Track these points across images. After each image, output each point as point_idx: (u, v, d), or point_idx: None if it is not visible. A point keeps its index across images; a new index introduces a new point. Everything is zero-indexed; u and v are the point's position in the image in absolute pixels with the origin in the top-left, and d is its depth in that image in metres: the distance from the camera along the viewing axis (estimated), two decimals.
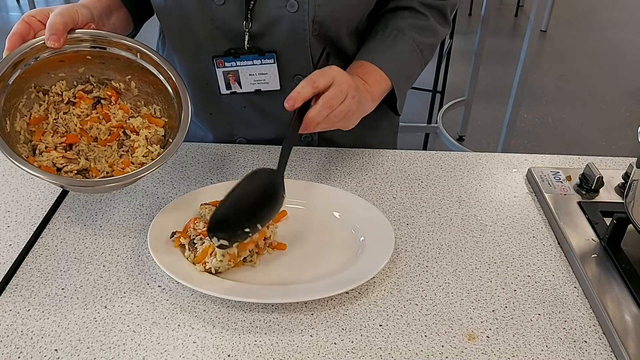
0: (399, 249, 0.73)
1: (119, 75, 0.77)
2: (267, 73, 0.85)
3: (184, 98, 0.73)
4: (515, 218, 0.80)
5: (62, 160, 0.70)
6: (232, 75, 0.85)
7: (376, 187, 0.85)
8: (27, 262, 0.69)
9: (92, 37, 0.73)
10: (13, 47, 0.69)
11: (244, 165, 0.88)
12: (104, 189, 0.72)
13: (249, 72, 0.85)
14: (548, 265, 0.72)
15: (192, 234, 0.71)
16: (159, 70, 0.75)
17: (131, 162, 0.73)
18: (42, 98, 0.74)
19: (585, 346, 0.61)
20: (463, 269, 0.71)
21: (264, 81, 0.86)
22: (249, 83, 0.86)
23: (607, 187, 0.83)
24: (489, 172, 0.89)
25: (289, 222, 0.76)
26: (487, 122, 3.02)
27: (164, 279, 0.67)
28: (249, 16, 0.80)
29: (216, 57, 0.84)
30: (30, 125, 0.73)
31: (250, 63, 0.83)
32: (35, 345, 0.59)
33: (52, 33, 0.69)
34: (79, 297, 0.65)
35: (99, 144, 0.75)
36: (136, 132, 0.76)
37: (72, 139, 0.73)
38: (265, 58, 0.83)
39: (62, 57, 0.73)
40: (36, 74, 0.73)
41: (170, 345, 0.60)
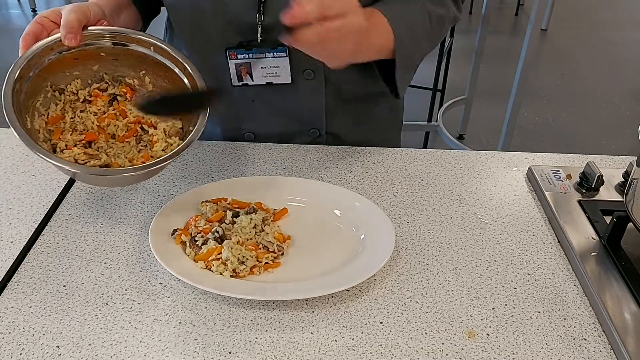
0: (399, 247, 0.73)
1: (132, 72, 0.78)
2: (279, 66, 0.85)
3: (201, 87, 0.74)
4: (516, 216, 0.80)
5: (84, 156, 0.70)
6: (244, 68, 0.85)
7: (377, 185, 0.85)
8: (29, 259, 0.70)
9: (108, 34, 0.74)
10: (27, 46, 0.69)
11: (244, 162, 0.88)
12: (129, 178, 0.70)
13: (261, 65, 0.85)
14: (548, 263, 0.72)
15: (194, 231, 0.71)
16: (175, 63, 0.75)
17: (151, 157, 0.73)
18: (58, 97, 0.75)
19: (584, 344, 0.61)
20: (463, 267, 0.71)
21: (276, 74, 0.86)
22: (260, 76, 0.86)
23: (607, 185, 0.83)
24: (489, 170, 0.90)
25: (289, 220, 0.77)
26: (487, 120, 3.03)
27: (165, 276, 0.68)
28: (262, 9, 0.80)
29: (229, 49, 0.84)
30: (48, 124, 0.73)
31: (262, 56, 0.83)
32: (37, 342, 0.59)
33: (69, 31, 0.69)
34: (81, 294, 0.65)
35: (117, 141, 0.75)
36: (154, 127, 0.76)
37: (90, 136, 0.74)
38: (277, 51, 0.83)
39: (76, 55, 0.73)
40: (52, 73, 0.73)
41: (171, 342, 0.60)
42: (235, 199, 0.78)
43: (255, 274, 0.68)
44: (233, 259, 0.67)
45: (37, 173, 0.84)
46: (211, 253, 0.68)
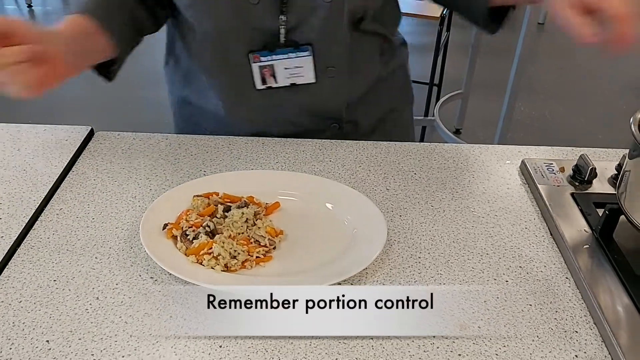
0: (391, 240, 0.73)
1: None
2: (303, 66, 0.85)
3: None
4: (508, 209, 0.80)
5: None
6: (267, 70, 0.85)
7: (369, 179, 0.85)
8: (19, 254, 0.69)
9: None
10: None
11: (237, 156, 0.88)
12: None
13: (284, 66, 0.85)
14: (540, 256, 0.72)
15: (185, 225, 0.71)
16: None
17: None
18: None
19: (576, 336, 0.61)
20: (455, 260, 0.71)
21: (299, 74, 0.86)
22: (284, 77, 0.86)
23: (600, 178, 0.83)
24: (482, 164, 0.89)
25: (281, 214, 0.76)
26: (484, 115, 3.02)
27: (156, 270, 0.67)
28: (284, 9, 0.80)
29: (252, 52, 0.84)
30: None
31: (285, 57, 0.84)
32: (27, 337, 0.59)
33: None
34: (71, 288, 0.65)
35: None
36: None
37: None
38: (300, 51, 0.83)
39: None
40: None
41: (162, 337, 0.60)
42: (226, 193, 0.77)
43: (247, 268, 0.68)
44: (225, 254, 0.67)
45: (27, 168, 0.84)
46: (202, 247, 0.68)
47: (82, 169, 0.85)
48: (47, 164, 0.85)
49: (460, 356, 0.59)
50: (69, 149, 0.88)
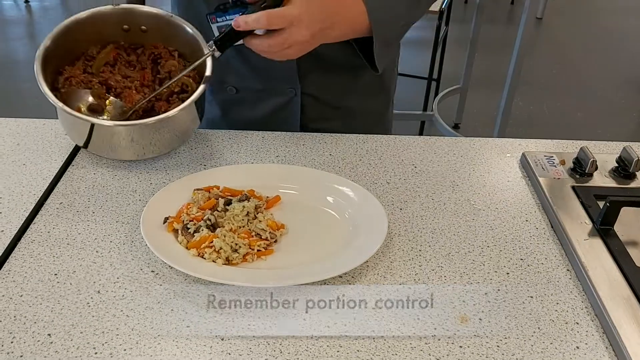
0: (392, 233, 0.73)
1: None
2: None
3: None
4: (509, 202, 0.80)
5: None
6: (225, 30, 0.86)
7: (370, 172, 0.85)
8: (20, 249, 0.69)
9: None
10: None
11: (237, 150, 0.88)
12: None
13: None
14: (541, 248, 0.72)
15: (185, 219, 0.71)
16: None
17: None
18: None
19: (577, 328, 0.61)
20: (456, 253, 0.71)
21: None
22: None
23: (601, 170, 0.83)
24: (482, 157, 0.89)
25: (282, 207, 0.76)
26: (482, 110, 3.02)
27: (157, 263, 0.67)
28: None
29: (209, 14, 0.85)
30: None
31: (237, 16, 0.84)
32: (29, 330, 0.59)
33: None
34: (72, 282, 0.65)
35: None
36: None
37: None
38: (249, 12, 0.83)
39: None
40: None
41: (163, 330, 0.60)
42: (227, 186, 0.77)
43: (248, 261, 0.68)
44: (226, 247, 0.67)
45: (27, 162, 0.84)
46: (203, 241, 0.68)
47: (82, 162, 0.84)
48: (47, 158, 0.85)
49: (461, 348, 0.59)
50: (69, 143, 0.88)
